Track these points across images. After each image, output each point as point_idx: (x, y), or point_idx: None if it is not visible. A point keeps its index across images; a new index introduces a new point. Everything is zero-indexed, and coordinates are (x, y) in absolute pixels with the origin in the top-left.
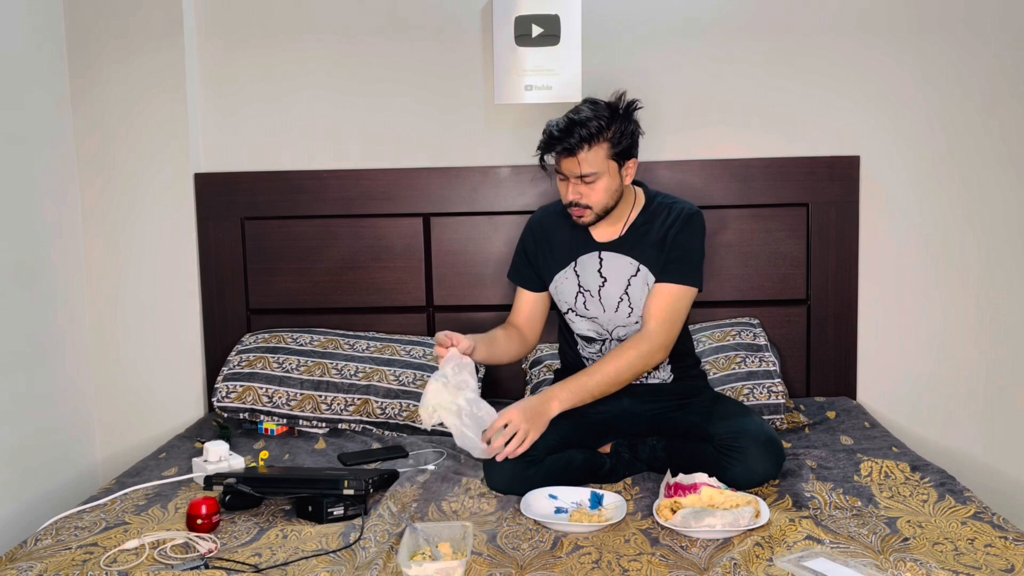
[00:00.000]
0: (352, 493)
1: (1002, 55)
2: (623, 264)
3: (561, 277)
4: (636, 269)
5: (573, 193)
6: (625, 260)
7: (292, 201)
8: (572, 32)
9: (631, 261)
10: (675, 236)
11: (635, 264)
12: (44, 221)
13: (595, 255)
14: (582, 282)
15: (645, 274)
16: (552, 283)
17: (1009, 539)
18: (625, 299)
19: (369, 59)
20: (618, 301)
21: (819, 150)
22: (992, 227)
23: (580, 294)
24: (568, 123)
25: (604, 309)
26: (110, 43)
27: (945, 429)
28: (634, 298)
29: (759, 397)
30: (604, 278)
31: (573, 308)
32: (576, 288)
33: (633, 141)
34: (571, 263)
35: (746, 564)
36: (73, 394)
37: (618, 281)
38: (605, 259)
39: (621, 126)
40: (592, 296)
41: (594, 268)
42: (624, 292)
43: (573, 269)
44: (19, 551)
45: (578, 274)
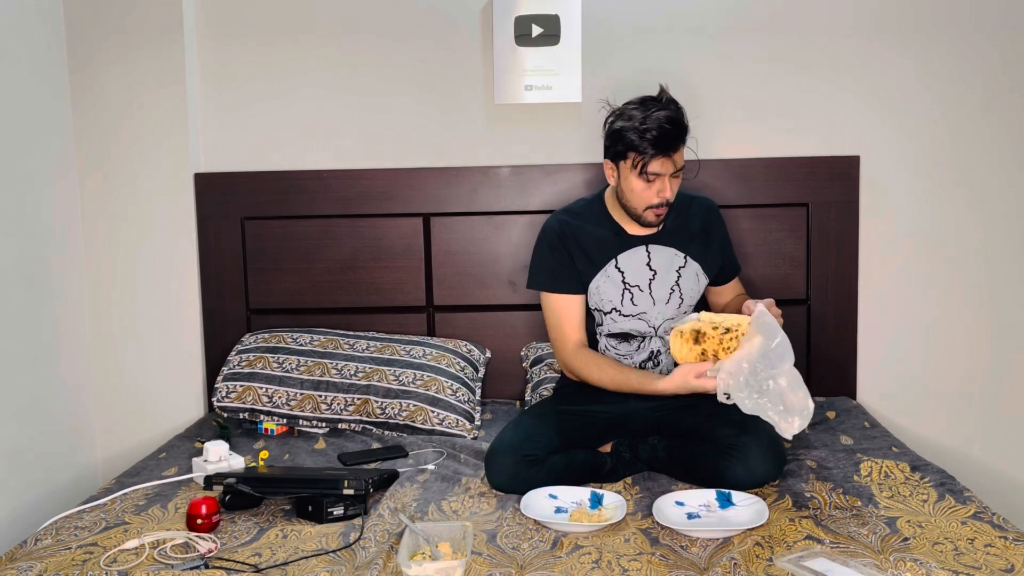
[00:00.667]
0: (352, 493)
1: (1002, 55)
2: (670, 256)
3: (601, 277)
4: (684, 260)
5: (668, 191)
6: (671, 251)
7: (292, 201)
8: (572, 32)
9: (677, 252)
10: (719, 233)
11: (681, 255)
12: (44, 221)
13: (641, 249)
14: (627, 278)
15: (693, 266)
16: (591, 286)
17: (1009, 539)
18: (676, 290)
19: (369, 59)
20: (669, 292)
21: (819, 150)
22: (992, 227)
23: (627, 290)
24: (669, 120)
25: (655, 302)
26: (110, 42)
27: (945, 429)
28: (684, 289)
29: None
30: (654, 271)
31: (619, 308)
32: (621, 285)
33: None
34: (610, 261)
35: (746, 564)
36: (73, 394)
37: (668, 273)
38: (653, 252)
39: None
40: (642, 290)
41: (642, 262)
42: (675, 283)
43: (615, 267)
44: (19, 551)
45: (621, 271)
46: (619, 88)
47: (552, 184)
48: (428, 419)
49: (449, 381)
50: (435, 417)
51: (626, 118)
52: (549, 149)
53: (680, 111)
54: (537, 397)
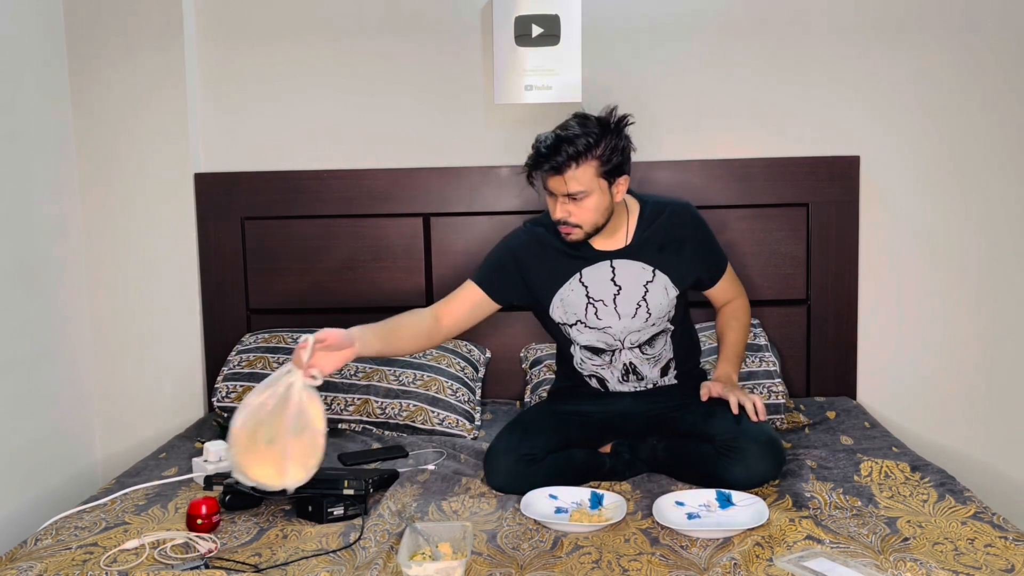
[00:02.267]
0: (352, 493)
1: (1002, 55)
2: (637, 270)
3: (566, 290)
4: (652, 274)
5: (561, 211)
6: (638, 266)
7: (292, 201)
8: (572, 32)
9: (644, 266)
10: (695, 237)
11: (649, 269)
12: (44, 221)
13: (605, 264)
14: (591, 292)
15: (662, 280)
16: (555, 299)
17: (1009, 539)
18: (643, 305)
19: (369, 59)
20: (636, 307)
21: (819, 150)
22: (992, 227)
23: (591, 304)
24: (556, 140)
25: (620, 317)
26: (110, 43)
27: (945, 429)
28: (652, 304)
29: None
30: (619, 286)
31: (583, 320)
32: (586, 299)
33: (624, 158)
34: (574, 275)
35: (746, 564)
36: (73, 394)
37: (634, 288)
38: (618, 267)
39: (611, 142)
40: (606, 305)
41: (606, 277)
42: (642, 298)
43: (579, 281)
44: (19, 551)
45: (585, 285)
46: (619, 88)
47: None
48: (428, 419)
49: (449, 381)
50: (435, 417)
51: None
52: None
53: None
54: (536, 398)
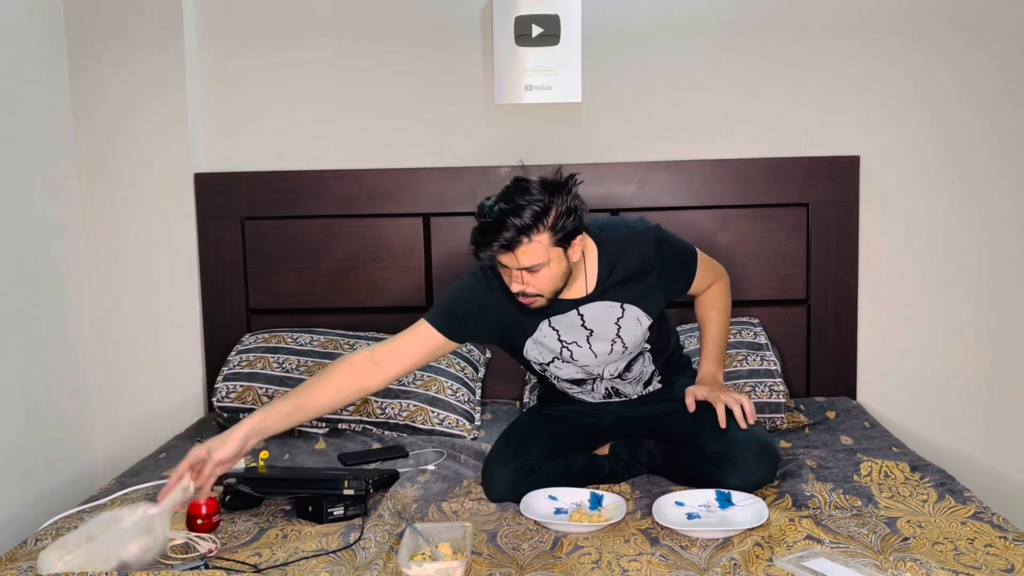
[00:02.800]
0: (352, 493)
1: (1001, 55)
2: (605, 309)
3: (538, 335)
4: (621, 309)
5: (518, 285)
6: (605, 305)
7: (292, 201)
8: (572, 32)
9: (611, 304)
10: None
11: (617, 305)
12: (44, 221)
13: (572, 313)
14: (563, 336)
15: (633, 311)
16: (527, 343)
17: (1009, 539)
18: (619, 340)
19: (369, 59)
20: (611, 344)
21: (819, 150)
22: (992, 227)
23: (565, 348)
24: (500, 215)
25: (596, 355)
26: (110, 44)
27: (945, 429)
28: (627, 337)
29: (760, 396)
30: (590, 330)
31: (559, 356)
32: (558, 343)
33: (578, 220)
34: (543, 322)
35: (746, 564)
36: (73, 394)
37: (606, 328)
38: (585, 312)
39: (561, 207)
40: (580, 346)
41: (575, 324)
42: (616, 335)
43: (549, 326)
44: (19, 551)
45: (556, 329)
46: (619, 88)
47: None
48: (428, 419)
49: (449, 381)
50: (435, 417)
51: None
52: (549, 149)
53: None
54: (534, 399)
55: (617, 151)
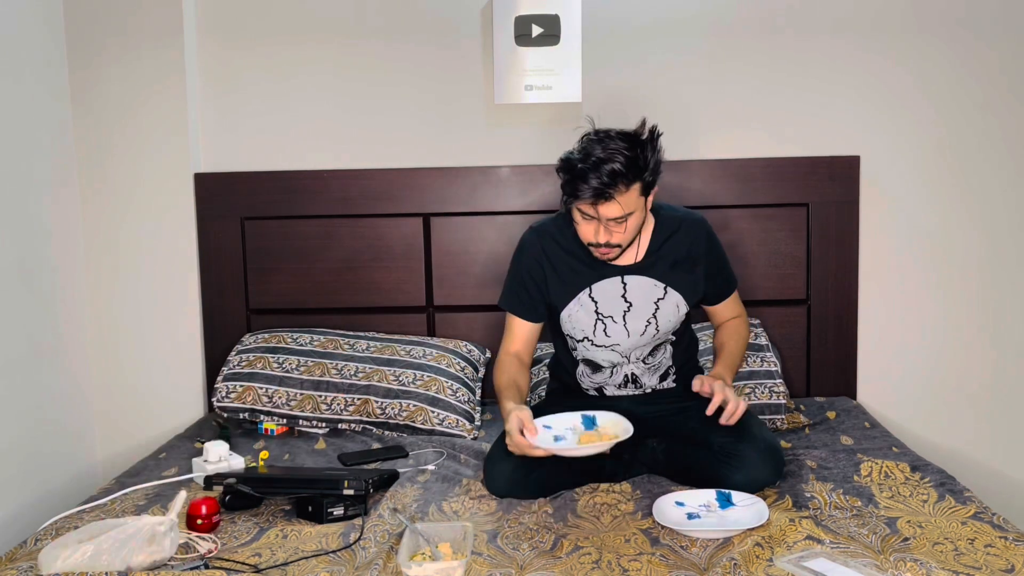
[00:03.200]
0: (352, 493)
1: (1001, 55)
2: (648, 287)
3: (575, 306)
4: (664, 291)
5: (603, 235)
6: (650, 282)
7: (292, 201)
8: (572, 32)
9: (655, 283)
10: (708, 255)
11: (661, 286)
12: (44, 221)
13: (617, 280)
14: (601, 308)
15: (674, 296)
16: (563, 312)
17: (1009, 539)
18: (653, 322)
19: (369, 59)
20: (645, 325)
21: (819, 150)
22: (992, 227)
23: (600, 321)
24: (599, 162)
25: (629, 334)
26: (110, 42)
27: (945, 429)
28: (662, 321)
29: (760, 397)
30: (629, 303)
31: (591, 337)
32: (595, 316)
33: (659, 172)
34: (584, 290)
35: (746, 564)
36: (73, 394)
37: (645, 305)
38: (629, 283)
39: (652, 160)
40: (615, 322)
41: (617, 294)
42: (652, 316)
43: (589, 296)
44: (19, 551)
45: (595, 300)
46: (619, 88)
47: (552, 184)
48: (428, 419)
49: (449, 381)
50: (435, 417)
51: (580, 149)
52: (549, 149)
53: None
54: (537, 398)
55: None
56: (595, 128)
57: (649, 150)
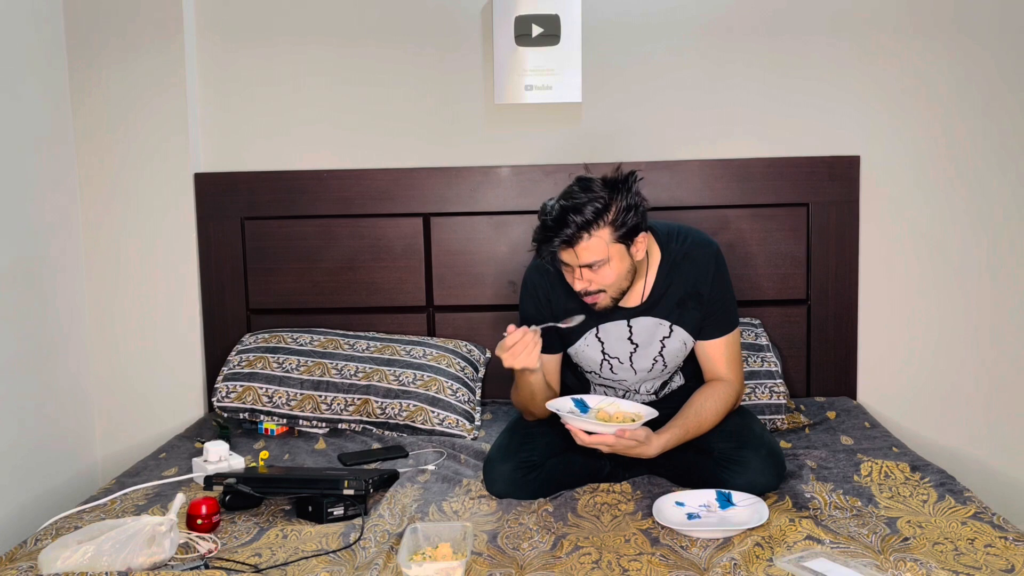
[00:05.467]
0: (352, 493)
1: (1002, 55)
2: (653, 326)
3: (581, 344)
4: (669, 329)
5: (581, 282)
6: (655, 322)
7: (292, 201)
8: (572, 32)
9: (660, 322)
10: (713, 289)
11: (666, 324)
12: (44, 221)
13: (622, 324)
14: (607, 349)
15: (680, 333)
16: (572, 349)
17: (1009, 539)
18: (660, 360)
19: (369, 59)
20: (652, 363)
21: (819, 150)
22: (992, 227)
23: (606, 361)
24: (561, 211)
25: (635, 372)
26: (110, 43)
27: (945, 429)
28: (669, 358)
29: (761, 397)
30: (636, 344)
31: (597, 372)
32: (600, 356)
33: (640, 217)
34: (591, 330)
35: (746, 564)
36: (73, 394)
37: (651, 344)
38: (635, 325)
39: (622, 203)
40: (621, 362)
41: (623, 336)
42: (659, 354)
43: (596, 336)
44: (19, 551)
45: (601, 340)
46: (619, 88)
47: (552, 184)
48: (428, 419)
49: (449, 381)
50: (435, 417)
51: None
52: (549, 149)
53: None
54: None
55: (617, 151)
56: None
57: (621, 196)
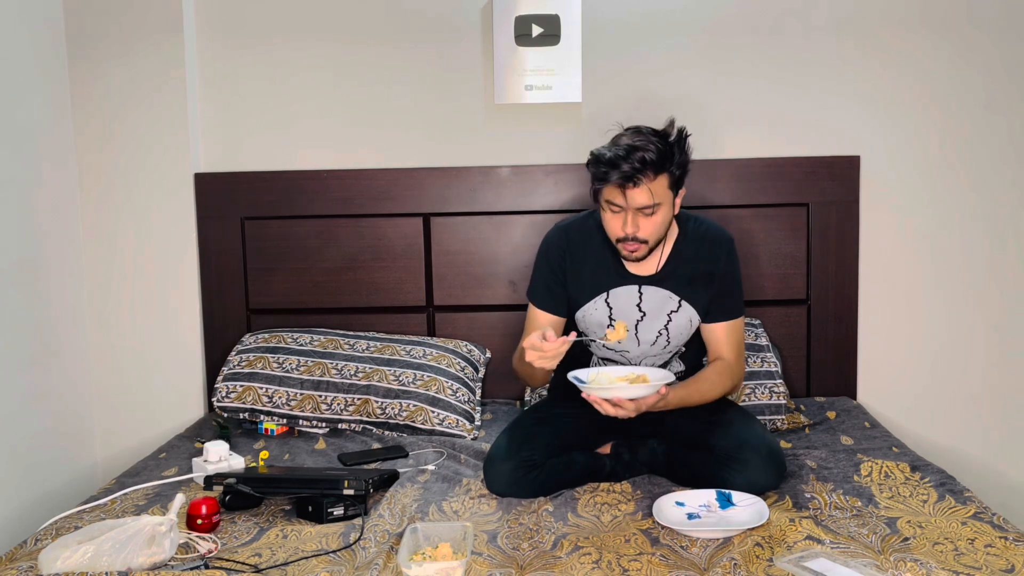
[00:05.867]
0: (352, 493)
1: (1002, 55)
2: (663, 299)
3: (590, 307)
4: (678, 304)
5: (631, 226)
6: (665, 294)
7: (292, 201)
8: (572, 32)
9: (671, 295)
10: (724, 272)
11: (676, 299)
12: (44, 221)
13: (634, 289)
14: (615, 314)
15: (688, 310)
16: (580, 312)
17: (1009, 539)
18: (664, 333)
19: (369, 58)
20: (657, 335)
21: (819, 150)
22: (992, 227)
23: (612, 326)
24: (630, 149)
25: (639, 343)
26: (110, 41)
27: (945, 429)
28: (673, 333)
29: (760, 397)
30: (643, 312)
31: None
32: (607, 320)
33: (687, 170)
34: (601, 294)
35: (746, 564)
36: (73, 394)
37: (658, 316)
38: (645, 293)
39: (681, 154)
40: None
41: (632, 302)
42: (664, 327)
43: (605, 300)
44: (19, 551)
45: (610, 306)
46: (619, 88)
47: (552, 184)
48: (428, 419)
49: (449, 381)
50: (435, 417)
51: (610, 142)
52: (549, 149)
53: (661, 146)
54: (537, 397)
55: None
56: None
57: (677, 147)
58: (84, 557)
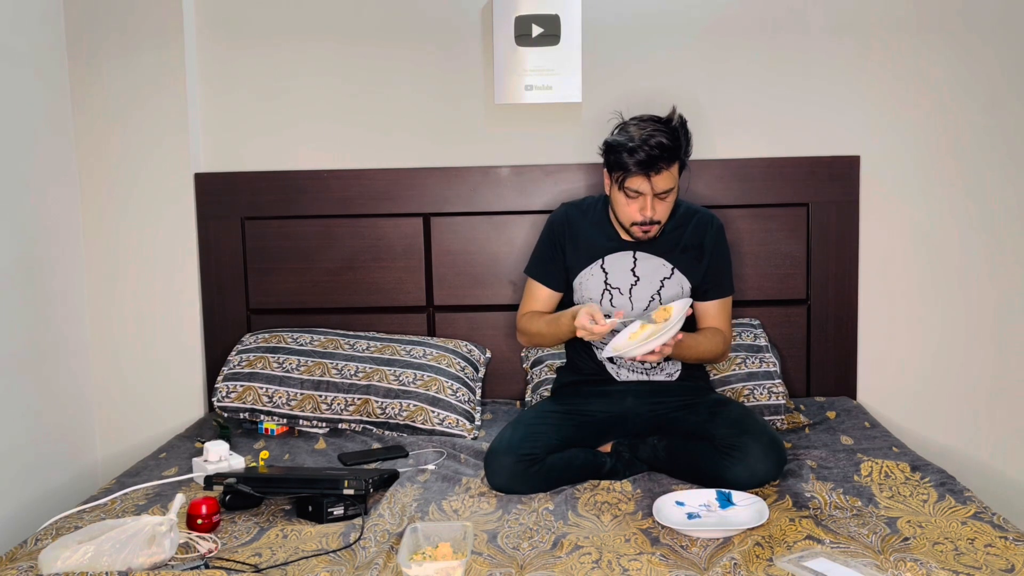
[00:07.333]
0: (352, 493)
1: (1002, 54)
2: (657, 265)
3: (587, 274)
4: (671, 271)
5: (650, 210)
6: (659, 261)
7: (292, 201)
8: (572, 32)
9: (664, 263)
10: (714, 250)
11: (669, 266)
12: (44, 221)
13: (628, 254)
14: (610, 279)
15: (679, 278)
16: (577, 279)
17: (1009, 539)
18: (657, 299)
19: (369, 58)
20: (649, 300)
21: (819, 150)
22: (992, 227)
23: (607, 291)
24: (652, 138)
25: (632, 307)
26: (110, 42)
27: (945, 429)
28: (665, 299)
29: (759, 398)
30: (637, 277)
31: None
32: (603, 285)
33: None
34: (597, 260)
35: (746, 564)
36: (73, 394)
37: (651, 281)
38: (639, 259)
39: (687, 141)
40: (622, 294)
41: (627, 267)
42: (657, 292)
43: (600, 267)
44: (19, 551)
45: (606, 271)
46: (619, 88)
47: (552, 184)
48: (428, 419)
49: (449, 381)
50: (435, 417)
51: (622, 132)
52: (549, 149)
53: (675, 135)
54: (537, 397)
55: None
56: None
57: (684, 133)
58: (84, 557)
